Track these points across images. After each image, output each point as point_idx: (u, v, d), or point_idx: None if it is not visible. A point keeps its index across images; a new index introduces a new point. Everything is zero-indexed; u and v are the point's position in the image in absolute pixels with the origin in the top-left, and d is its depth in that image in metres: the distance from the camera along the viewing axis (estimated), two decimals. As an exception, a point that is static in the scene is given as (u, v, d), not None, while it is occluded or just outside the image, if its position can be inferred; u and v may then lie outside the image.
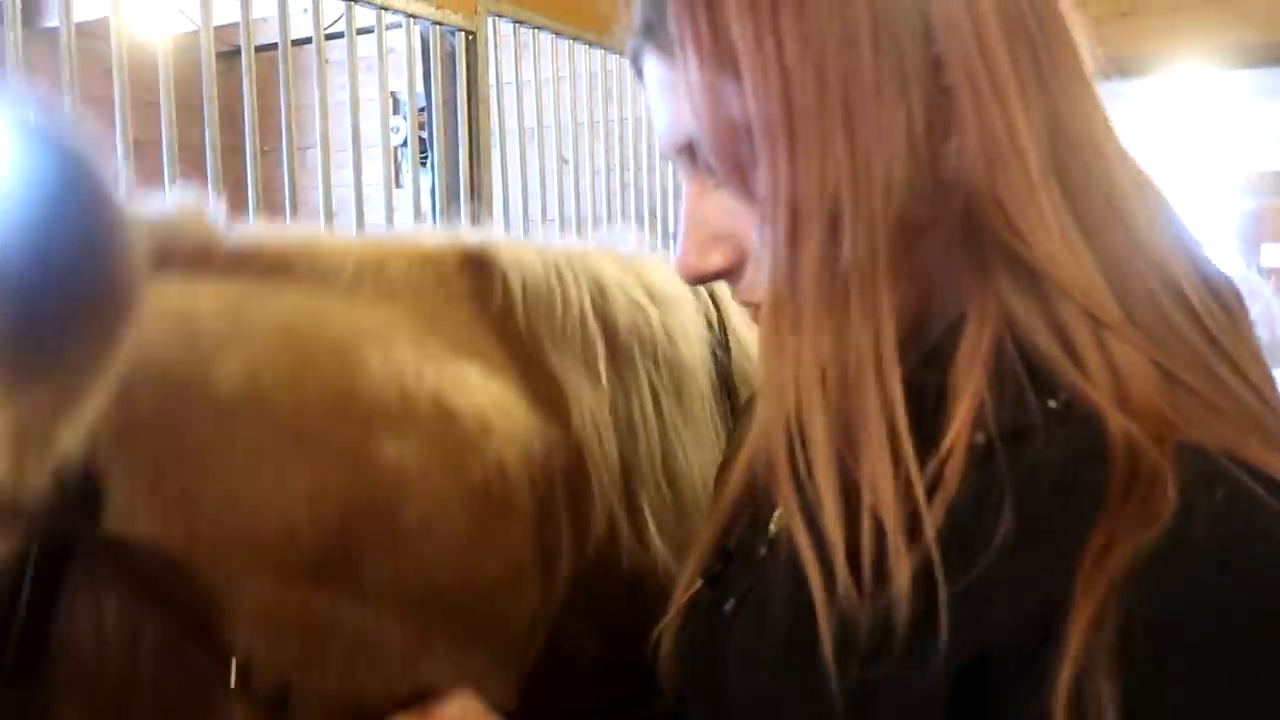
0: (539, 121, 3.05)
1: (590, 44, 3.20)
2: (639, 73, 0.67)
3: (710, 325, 1.22)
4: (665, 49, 0.61)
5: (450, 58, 2.70)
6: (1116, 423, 0.52)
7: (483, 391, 0.90)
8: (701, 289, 1.16)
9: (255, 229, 0.84)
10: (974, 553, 0.51)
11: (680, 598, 0.74)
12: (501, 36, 2.86)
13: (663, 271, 1.15)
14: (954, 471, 0.54)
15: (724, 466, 0.87)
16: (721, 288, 1.10)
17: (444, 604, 0.85)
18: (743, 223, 0.62)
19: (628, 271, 1.12)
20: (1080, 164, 0.58)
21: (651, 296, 1.11)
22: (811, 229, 0.56)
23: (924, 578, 0.52)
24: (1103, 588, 0.46)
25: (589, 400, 0.99)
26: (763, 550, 0.67)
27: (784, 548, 0.60)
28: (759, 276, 0.61)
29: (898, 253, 0.56)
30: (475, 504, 0.88)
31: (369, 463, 0.80)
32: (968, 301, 0.58)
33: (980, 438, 0.54)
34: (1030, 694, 0.47)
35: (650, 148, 3.59)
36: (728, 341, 1.23)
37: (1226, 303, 0.59)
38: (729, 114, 0.57)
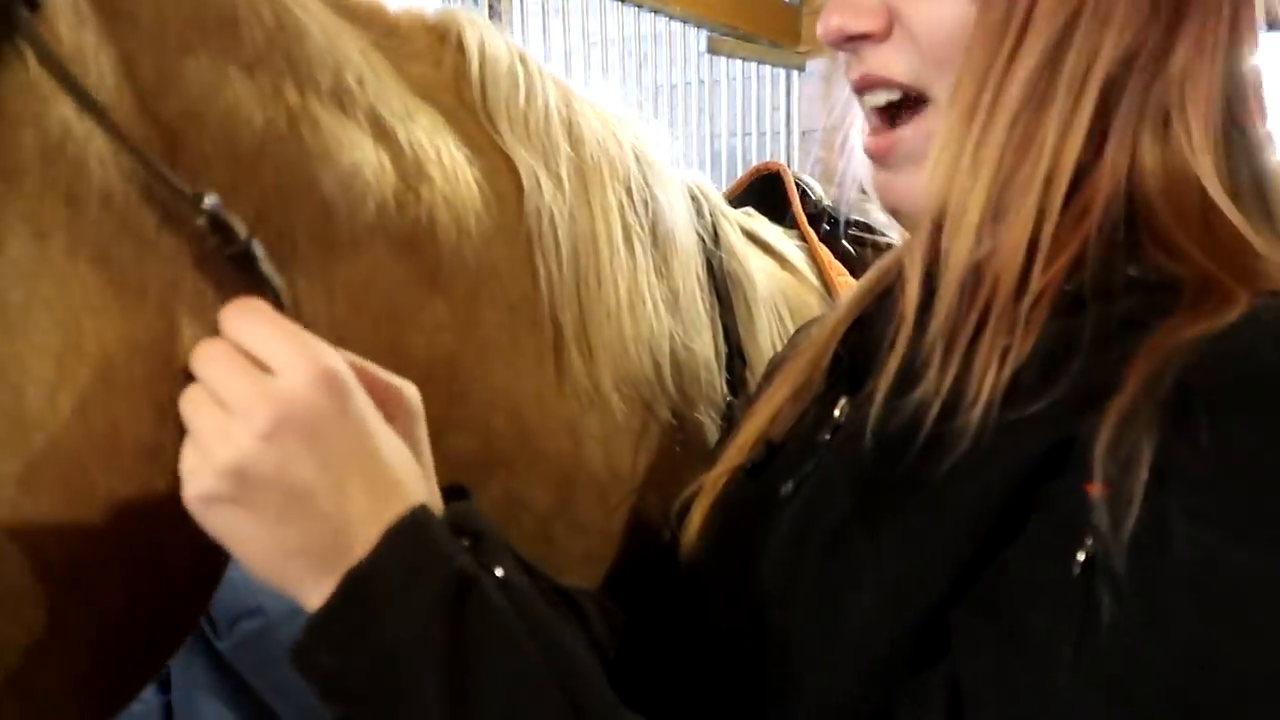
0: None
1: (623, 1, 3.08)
2: None
3: (700, 213, 1.05)
4: None
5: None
6: (1195, 260, 0.57)
7: (428, 137, 0.78)
8: (693, 185, 1.07)
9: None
10: (1052, 375, 0.56)
11: (715, 480, 0.78)
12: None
13: (650, 137, 0.99)
14: (1038, 316, 0.59)
15: (768, 374, 0.90)
16: (712, 189, 1.10)
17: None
18: None
19: (607, 113, 0.96)
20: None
21: (635, 152, 0.95)
22: (1038, 42, 0.61)
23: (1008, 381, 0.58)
24: (1159, 359, 0.51)
25: (548, 194, 0.85)
26: (826, 436, 0.70)
27: (849, 430, 0.66)
28: (897, 55, 0.67)
29: (1106, 79, 0.61)
30: (402, 251, 0.75)
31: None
32: (1112, 144, 0.63)
33: (1070, 286, 0.60)
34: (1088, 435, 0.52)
35: (685, 113, 3.48)
36: (717, 236, 1.06)
37: None
38: None
